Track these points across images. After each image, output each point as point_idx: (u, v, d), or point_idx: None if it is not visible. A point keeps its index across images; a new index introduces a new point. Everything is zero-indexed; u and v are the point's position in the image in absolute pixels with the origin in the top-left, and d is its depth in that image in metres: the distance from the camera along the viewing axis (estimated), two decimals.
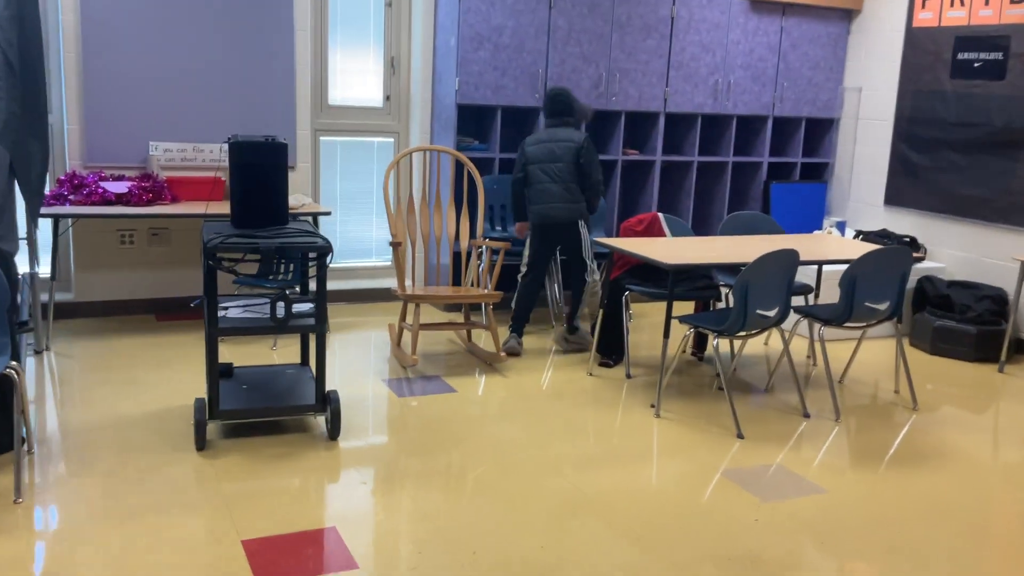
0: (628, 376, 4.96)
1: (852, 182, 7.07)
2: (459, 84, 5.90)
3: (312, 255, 3.81)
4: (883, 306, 4.52)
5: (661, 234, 5.23)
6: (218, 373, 3.69)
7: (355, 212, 6.43)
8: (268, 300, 3.82)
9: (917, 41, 6.48)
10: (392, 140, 6.44)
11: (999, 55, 5.92)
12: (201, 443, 3.69)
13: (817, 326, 4.55)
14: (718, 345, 4.30)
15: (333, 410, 3.82)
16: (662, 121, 6.55)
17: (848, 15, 7.01)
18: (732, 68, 6.69)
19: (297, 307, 3.93)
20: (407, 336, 5.21)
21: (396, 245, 4.78)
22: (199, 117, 5.70)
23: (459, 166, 5.94)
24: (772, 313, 4.28)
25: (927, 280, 6.01)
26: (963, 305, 5.78)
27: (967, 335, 5.61)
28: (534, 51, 6.05)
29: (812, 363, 5.41)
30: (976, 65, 6.07)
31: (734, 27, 6.62)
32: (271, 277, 5.50)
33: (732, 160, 6.89)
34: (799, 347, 5.68)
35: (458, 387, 4.65)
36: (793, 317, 4.69)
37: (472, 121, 6.40)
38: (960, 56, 6.17)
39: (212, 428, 3.91)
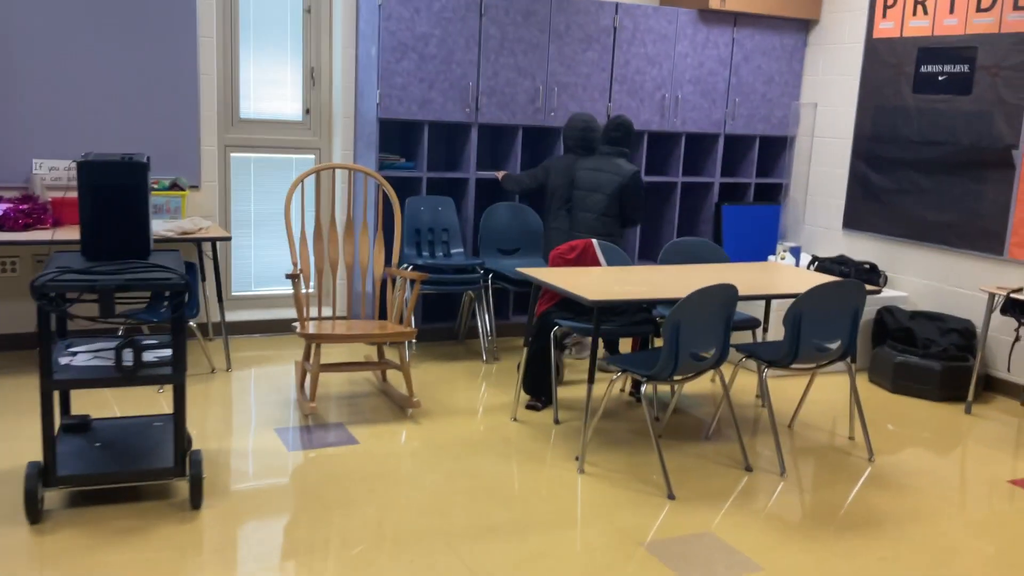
0: (556, 421, 4.45)
1: (808, 204, 6.64)
2: (380, 97, 5.40)
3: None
4: (834, 345, 4.05)
5: (595, 263, 4.74)
6: (53, 432, 3.14)
7: (271, 235, 5.90)
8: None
9: (877, 53, 6.06)
10: (312, 157, 5.93)
11: (965, 67, 5.51)
12: (33, 515, 3.13)
13: (762, 367, 4.07)
14: (645, 391, 3.81)
15: (193, 475, 3.28)
16: None
17: (805, 26, 6.59)
18: (680, 83, 6.24)
19: (158, 352, 3.39)
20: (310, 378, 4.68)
21: (293, 278, 4.25)
22: (89, 132, 5.16)
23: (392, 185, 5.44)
24: (708, 354, 3.79)
25: (887, 312, 5.56)
26: (926, 339, 5.34)
27: (931, 372, 5.15)
28: (464, 62, 5.57)
29: (761, 403, 4.94)
30: (940, 79, 5.65)
31: (682, 39, 6.17)
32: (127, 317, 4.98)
33: (681, 180, 6.42)
34: (748, 384, 5.21)
35: (362, 437, 4.12)
36: (737, 354, 4.22)
37: (399, 138, 5.90)
38: (923, 69, 5.75)
39: (55, 496, 3.36)
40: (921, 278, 5.82)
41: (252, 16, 5.63)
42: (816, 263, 5.87)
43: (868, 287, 4.26)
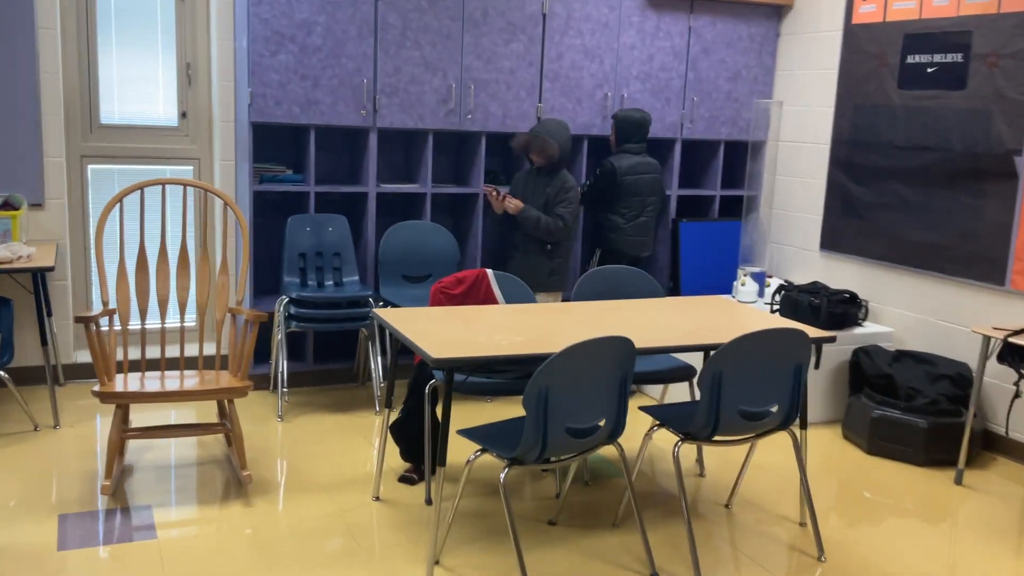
0: (428, 502, 3.55)
1: (780, 221, 5.69)
2: (252, 97, 4.53)
3: None
4: (771, 409, 3.12)
5: (490, 299, 3.84)
6: None
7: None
8: None
9: (857, 41, 5.11)
10: (191, 168, 5.07)
11: (958, 56, 4.55)
12: None
13: (676, 443, 3.15)
14: (505, 479, 2.89)
15: None
16: None
17: (777, 12, 5.65)
18: (626, 79, 5.31)
19: None
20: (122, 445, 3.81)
21: (84, 321, 3.37)
22: None
23: (258, 202, 4.58)
24: (592, 424, 2.88)
25: (865, 353, 4.60)
26: (911, 388, 4.37)
27: (915, 430, 4.19)
28: (357, 55, 4.68)
29: (700, 472, 4.00)
30: (930, 71, 4.69)
31: (627, 28, 5.25)
32: None
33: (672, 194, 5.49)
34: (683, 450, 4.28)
35: (166, 528, 3.24)
36: (644, 419, 3.30)
37: (289, 145, 5.03)
38: (910, 59, 4.80)
39: None
40: (908, 310, 4.86)
41: (113, 4, 4.79)
42: (782, 292, 4.92)
43: (820, 333, 3.33)
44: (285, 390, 4.50)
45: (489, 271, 3.85)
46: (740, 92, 5.64)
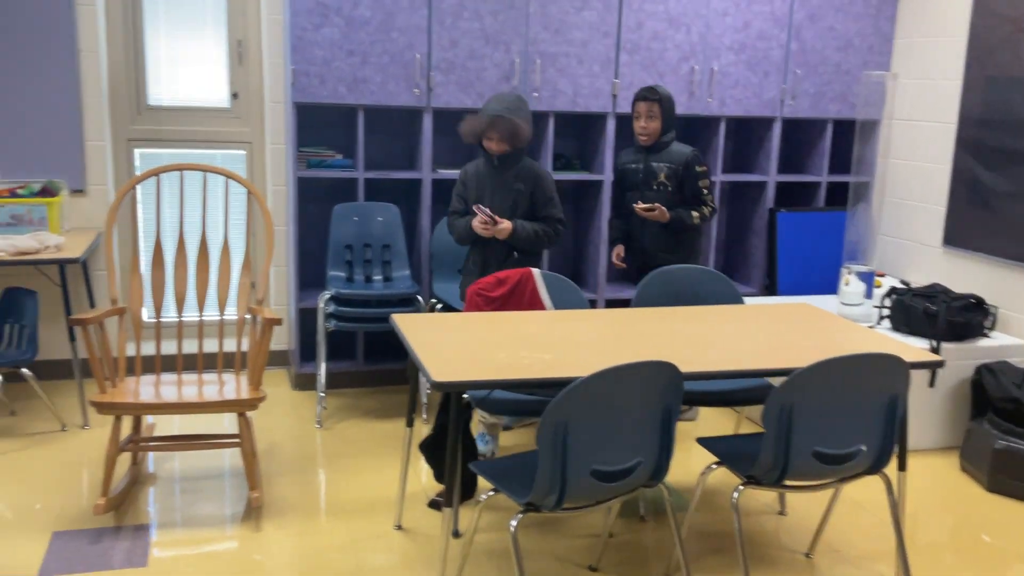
0: (456, 534, 3.11)
1: (887, 212, 4.96)
2: (294, 76, 4.18)
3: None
4: (858, 449, 2.54)
5: (536, 303, 3.36)
6: None
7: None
8: None
9: (991, 4, 4.34)
10: (243, 152, 4.77)
11: None
12: None
13: (736, 487, 2.61)
14: (516, 527, 2.42)
15: None
16: (611, 126, 4.64)
17: None
18: (716, 50, 4.71)
19: None
20: (125, 459, 3.53)
21: (79, 323, 3.07)
22: None
23: (308, 189, 4.24)
24: (625, 466, 2.37)
25: (989, 371, 3.89)
26: None
27: None
28: (409, 28, 4.26)
29: (780, 511, 3.42)
30: None
31: None
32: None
33: (721, 180, 4.90)
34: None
35: (162, 554, 2.93)
36: (701, 456, 2.77)
37: (339, 128, 4.66)
38: None
39: None
40: None
41: None
42: (894, 295, 4.24)
43: (925, 357, 2.71)
44: (323, 394, 4.14)
45: (536, 271, 3.37)
46: (851, 64, 4.94)
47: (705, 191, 4.00)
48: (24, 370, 3.77)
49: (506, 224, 3.60)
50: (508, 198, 3.69)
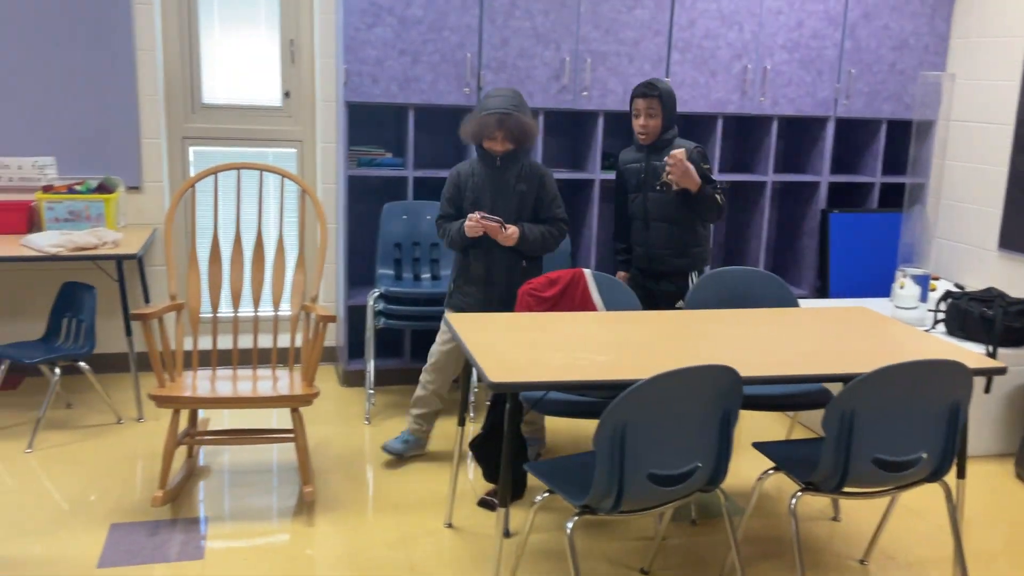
0: (506, 534, 3.12)
1: (943, 213, 4.88)
2: (347, 75, 4.20)
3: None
4: (919, 456, 2.50)
5: (588, 304, 3.35)
6: None
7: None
8: None
9: None
10: (294, 150, 4.82)
11: None
12: None
13: (794, 493, 2.58)
14: (572, 528, 2.40)
15: None
16: None
17: None
18: (769, 49, 4.66)
19: None
20: (180, 452, 3.57)
21: (140, 318, 3.12)
22: (0, 120, 4.27)
23: (358, 187, 4.26)
24: (682, 470, 2.36)
25: None
26: None
27: None
28: (460, 27, 4.27)
29: (834, 517, 3.37)
30: None
31: None
32: (57, 343, 4.02)
33: (772, 180, 4.85)
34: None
35: (217, 546, 2.97)
36: (753, 460, 2.75)
37: (390, 126, 4.69)
38: None
39: None
40: None
41: None
42: (949, 299, 4.17)
43: (986, 363, 2.66)
44: (372, 391, 4.17)
45: (587, 271, 3.36)
46: (907, 63, 4.86)
47: (717, 183, 3.60)
48: (81, 363, 3.84)
49: (513, 230, 3.39)
50: (511, 201, 3.47)
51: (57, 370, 3.78)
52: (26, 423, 3.92)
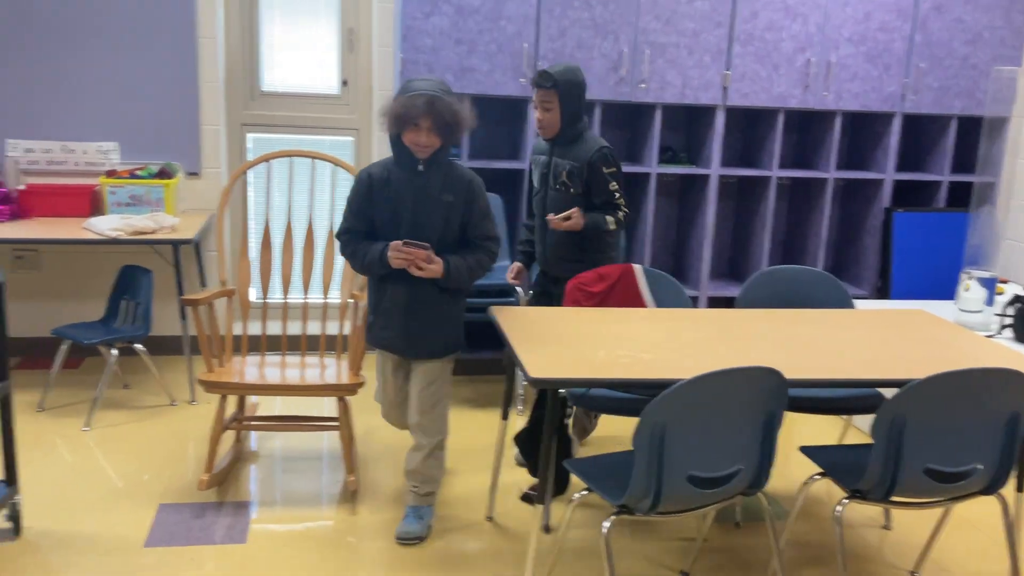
0: (546, 528, 3.10)
1: (1013, 215, 4.69)
2: (403, 64, 4.21)
3: None
4: (968, 469, 2.41)
5: (636, 300, 3.31)
6: None
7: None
8: None
9: None
10: (351, 139, 4.85)
11: None
12: None
13: (840, 500, 2.51)
14: (608, 530, 2.37)
15: None
16: (721, 119, 4.53)
17: None
18: (834, 42, 4.53)
19: None
20: (229, 436, 3.61)
21: (191, 303, 3.17)
22: (74, 107, 4.38)
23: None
24: (723, 473, 2.31)
25: None
26: None
27: None
28: (518, 17, 4.24)
29: (884, 525, 3.28)
30: None
31: None
32: (114, 325, 4.11)
33: (834, 176, 4.72)
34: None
35: (261, 528, 3.00)
36: (799, 464, 2.67)
37: None
38: None
39: None
40: None
41: None
42: (1018, 303, 4.01)
43: None
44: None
45: (637, 267, 3.31)
46: (980, 58, 4.68)
47: (617, 194, 3.30)
48: (138, 345, 3.92)
49: (437, 266, 2.75)
50: (436, 214, 2.80)
51: (114, 351, 3.87)
52: (84, 402, 4.02)
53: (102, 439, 3.66)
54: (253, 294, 4.77)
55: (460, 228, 2.85)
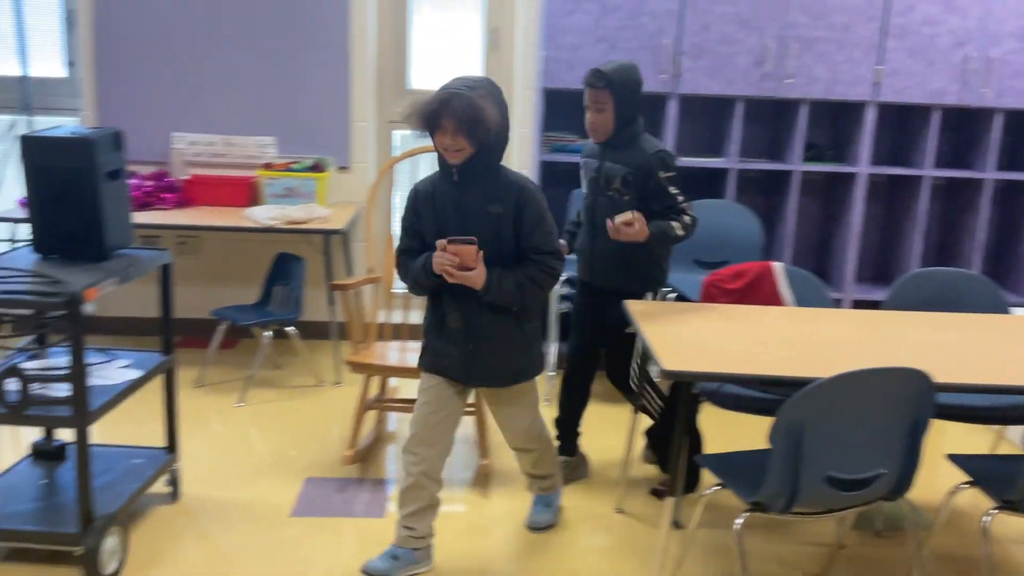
0: (676, 524, 3.09)
1: None
2: (545, 62, 4.27)
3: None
4: (871, 475, 2.27)
5: (775, 300, 3.25)
6: None
7: None
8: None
9: None
10: None
11: None
12: None
13: (987, 511, 2.40)
14: (740, 527, 2.35)
15: (89, 548, 2.52)
16: (871, 116, 4.38)
17: None
18: (996, 37, 4.31)
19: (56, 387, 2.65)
20: (371, 416, 3.75)
21: (340, 288, 3.33)
22: (234, 103, 4.66)
23: (550, 172, 4.33)
24: (864, 476, 2.25)
25: None
26: None
27: None
28: (660, 13, 4.24)
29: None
30: None
31: None
32: (268, 308, 4.34)
33: (994, 177, 4.49)
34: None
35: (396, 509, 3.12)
36: (947, 472, 2.57)
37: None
38: None
39: None
40: None
41: None
42: None
43: None
44: (552, 373, 4.24)
45: (777, 264, 3.26)
46: None
47: (680, 198, 3.04)
48: (289, 328, 4.14)
49: (476, 275, 2.50)
50: (485, 227, 2.54)
51: (268, 333, 4.09)
52: (239, 380, 4.27)
53: (254, 415, 3.88)
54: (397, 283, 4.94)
55: (516, 241, 2.57)
